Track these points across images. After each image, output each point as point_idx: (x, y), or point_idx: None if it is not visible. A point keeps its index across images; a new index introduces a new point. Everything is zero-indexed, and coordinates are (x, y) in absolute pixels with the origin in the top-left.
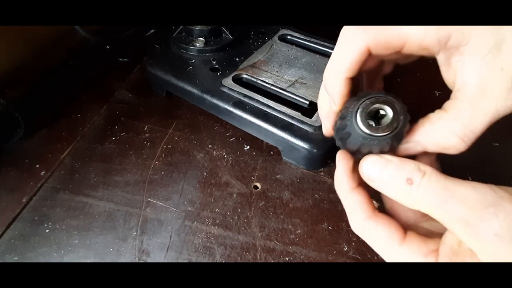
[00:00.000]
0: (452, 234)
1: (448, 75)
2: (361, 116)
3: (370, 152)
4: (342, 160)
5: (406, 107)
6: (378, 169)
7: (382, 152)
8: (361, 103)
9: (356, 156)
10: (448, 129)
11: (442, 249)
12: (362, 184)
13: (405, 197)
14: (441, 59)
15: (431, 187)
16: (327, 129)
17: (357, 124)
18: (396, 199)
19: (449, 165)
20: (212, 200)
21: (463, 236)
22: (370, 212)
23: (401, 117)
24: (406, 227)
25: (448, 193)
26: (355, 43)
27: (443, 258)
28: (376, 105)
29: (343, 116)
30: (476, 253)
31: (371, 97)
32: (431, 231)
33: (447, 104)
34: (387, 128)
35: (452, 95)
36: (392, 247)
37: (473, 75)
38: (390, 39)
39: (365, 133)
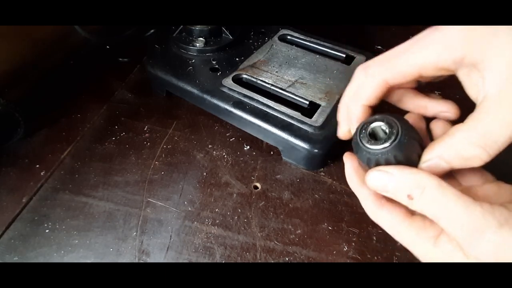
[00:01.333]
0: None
1: (471, 91)
2: (361, 134)
3: (378, 164)
4: (347, 160)
5: (408, 123)
6: (381, 183)
7: (388, 163)
8: (364, 123)
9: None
10: (467, 139)
11: (444, 236)
12: None
13: (409, 206)
14: (461, 76)
15: (428, 204)
16: (343, 132)
17: (360, 141)
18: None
19: None
20: (212, 200)
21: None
22: (379, 202)
23: (397, 130)
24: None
25: (442, 212)
26: (374, 78)
27: (443, 243)
28: (374, 123)
29: (353, 137)
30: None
31: (372, 118)
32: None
33: (467, 118)
34: (385, 142)
35: (474, 110)
36: (398, 228)
37: (493, 89)
38: (404, 70)
39: (366, 147)
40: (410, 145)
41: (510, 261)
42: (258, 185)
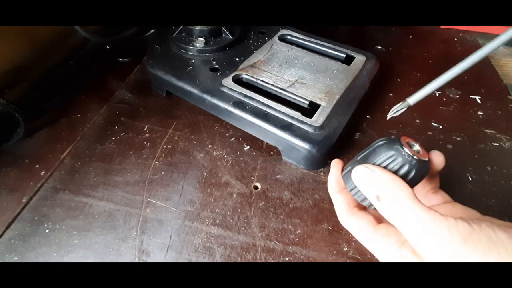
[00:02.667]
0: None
1: None
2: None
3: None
4: (334, 168)
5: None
6: (362, 175)
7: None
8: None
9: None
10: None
11: (407, 243)
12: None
13: (377, 208)
14: None
15: (395, 211)
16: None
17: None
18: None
19: (449, 165)
20: (212, 200)
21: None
22: (351, 210)
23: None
24: (384, 220)
25: (407, 223)
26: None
27: (405, 250)
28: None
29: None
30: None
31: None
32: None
33: None
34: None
35: None
36: (366, 234)
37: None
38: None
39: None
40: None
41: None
42: (258, 185)
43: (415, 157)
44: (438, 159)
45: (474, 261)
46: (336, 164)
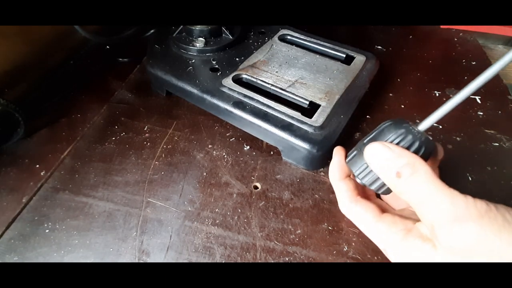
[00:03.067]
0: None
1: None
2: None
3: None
4: (336, 155)
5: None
6: (378, 153)
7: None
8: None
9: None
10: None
11: (414, 230)
12: (349, 176)
13: (393, 186)
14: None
15: (415, 186)
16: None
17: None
18: (386, 184)
19: (449, 165)
20: (212, 200)
21: (430, 235)
22: (354, 197)
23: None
24: (388, 210)
25: (427, 197)
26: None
27: (412, 237)
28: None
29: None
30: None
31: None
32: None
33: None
34: None
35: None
36: (370, 223)
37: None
38: None
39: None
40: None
41: (484, 253)
42: (258, 185)
43: (424, 135)
44: (438, 148)
45: (488, 239)
46: (338, 151)
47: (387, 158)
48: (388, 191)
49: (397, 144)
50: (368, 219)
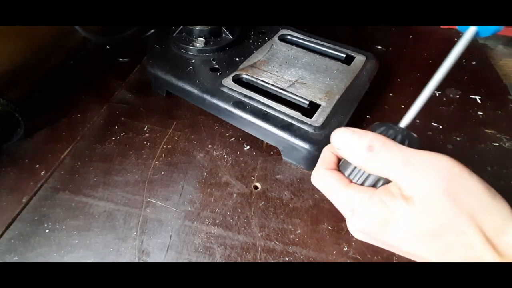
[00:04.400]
0: (395, 185)
1: None
2: None
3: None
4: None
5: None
6: (345, 137)
7: None
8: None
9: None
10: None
11: (382, 189)
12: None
13: (366, 163)
14: None
15: (389, 154)
16: None
17: None
18: (359, 166)
19: None
20: (212, 200)
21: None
22: (331, 167)
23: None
24: None
25: (403, 160)
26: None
27: (381, 193)
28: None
29: None
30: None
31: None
32: None
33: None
34: None
35: None
36: (340, 188)
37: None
38: None
39: None
40: None
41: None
42: (258, 185)
43: (405, 129)
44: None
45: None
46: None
47: (354, 138)
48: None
49: None
50: (338, 186)
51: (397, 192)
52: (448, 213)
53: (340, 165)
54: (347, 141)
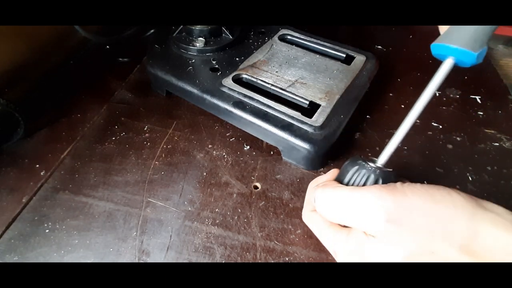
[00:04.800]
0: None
1: None
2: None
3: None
4: (330, 173)
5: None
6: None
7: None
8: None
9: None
10: None
11: (355, 230)
12: None
13: (318, 211)
14: None
15: (326, 206)
16: None
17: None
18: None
19: (449, 165)
20: (212, 200)
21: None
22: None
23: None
24: None
25: (341, 207)
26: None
27: (355, 233)
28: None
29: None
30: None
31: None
32: None
33: None
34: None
35: None
36: (323, 228)
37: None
38: None
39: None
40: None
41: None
42: (258, 185)
43: (377, 167)
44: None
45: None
46: (333, 172)
47: (308, 192)
48: None
49: (354, 180)
50: (322, 226)
51: (361, 232)
52: (403, 243)
53: (339, 174)
54: (308, 192)
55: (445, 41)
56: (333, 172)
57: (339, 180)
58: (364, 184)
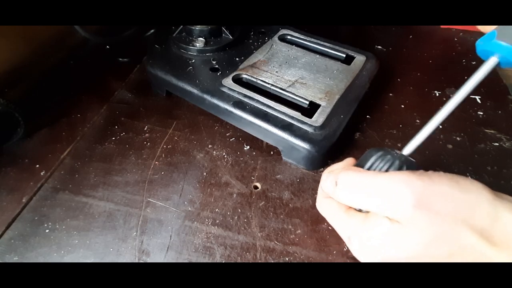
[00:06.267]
0: None
1: None
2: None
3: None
4: (347, 160)
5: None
6: (323, 176)
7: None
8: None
9: None
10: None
11: (372, 214)
12: None
13: (334, 196)
14: None
15: (349, 188)
16: None
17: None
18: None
19: (450, 165)
20: (212, 200)
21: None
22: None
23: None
24: None
25: (366, 191)
26: None
27: (371, 217)
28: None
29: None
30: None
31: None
32: None
33: None
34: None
35: None
36: (339, 214)
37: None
38: None
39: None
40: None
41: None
42: (258, 185)
43: (403, 154)
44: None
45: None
46: (351, 160)
47: (325, 176)
48: None
49: (377, 165)
50: (337, 210)
51: (383, 216)
52: (429, 228)
53: (359, 160)
54: (322, 179)
55: (497, 38)
56: (349, 160)
57: (361, 165)
58: (387, 170)
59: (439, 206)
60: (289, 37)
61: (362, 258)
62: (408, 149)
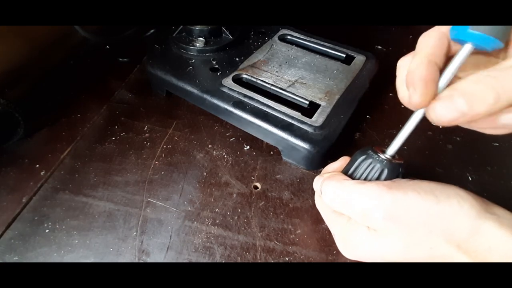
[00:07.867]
0: None
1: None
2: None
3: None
4: (341, 161)
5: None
6: (314, 181)
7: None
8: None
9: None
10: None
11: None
12: None
13: (318, 204)
14: None
15: (331, 196)
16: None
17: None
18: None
19: (449, 165)
20: (212, 200)
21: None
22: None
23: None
24: None
25: (342, 200)
26: (432, 32)
27: (352, 220)
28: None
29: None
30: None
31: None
32: None
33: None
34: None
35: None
36: (329, 213)
37: None
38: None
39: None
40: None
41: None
42: (258, 185)
43: (385, 158)
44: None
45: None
46: (344, 159)
47: (315, 182)
48: None
49: (360, 169)
50: (327, 210)
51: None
52: (400, 238)
53: (349, 162)
54: (314, 182)
55: (470, 28)
56: (343, 159)
57: (347, 169)
58: (368, 175)
59: (408, 218)
60: (289, 37)
61: (345, 254)
62: (391, 150)
